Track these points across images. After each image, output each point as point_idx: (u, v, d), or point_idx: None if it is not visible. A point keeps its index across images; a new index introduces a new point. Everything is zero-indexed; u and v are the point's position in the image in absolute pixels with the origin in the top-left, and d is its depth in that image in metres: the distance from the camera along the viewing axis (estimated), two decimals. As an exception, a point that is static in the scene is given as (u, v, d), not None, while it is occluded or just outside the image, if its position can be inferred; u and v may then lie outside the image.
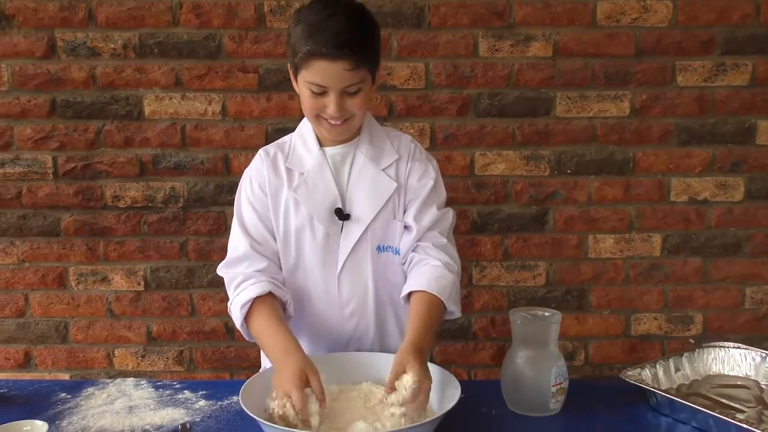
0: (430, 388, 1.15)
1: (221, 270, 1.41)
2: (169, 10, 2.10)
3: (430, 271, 1.34)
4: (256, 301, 1.32)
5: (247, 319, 1.34)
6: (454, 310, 1.36)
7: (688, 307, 2.28)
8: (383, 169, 1.39)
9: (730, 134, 2.20)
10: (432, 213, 1.39)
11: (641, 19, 2.13)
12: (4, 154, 2.15)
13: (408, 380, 1.13)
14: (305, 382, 1.15)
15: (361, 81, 1.28)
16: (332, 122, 1.31)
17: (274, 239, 1.40)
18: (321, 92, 1.28)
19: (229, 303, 1.38)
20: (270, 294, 1.33)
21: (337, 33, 1.23)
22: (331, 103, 1.28)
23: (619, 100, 2.17)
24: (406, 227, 1.40)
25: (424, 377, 1.14)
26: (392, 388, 1.15)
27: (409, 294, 1.34)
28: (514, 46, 2.14)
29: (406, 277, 1.40)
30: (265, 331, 1.30)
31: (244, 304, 1.32)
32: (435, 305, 1.31)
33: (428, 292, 1.31)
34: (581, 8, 2.13)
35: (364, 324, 1.41)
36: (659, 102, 2.18)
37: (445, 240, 1.40)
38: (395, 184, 1.39)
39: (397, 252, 1.40)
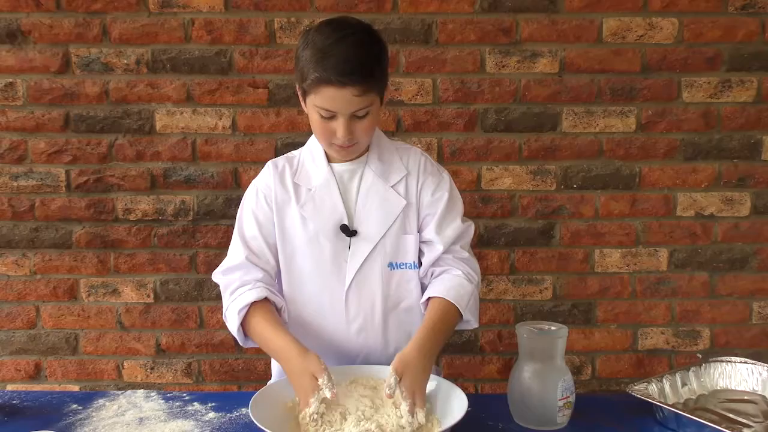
0: (424, 400, 1.20)
1: (216, 276, 1.43)
2: (181, 27, 2.14)
3: (449, 279, 1.37)
4: (253, 306, 1.34)
5: (243, 324, 1.35)
6: (471, 320, 1.38)
7: (695, 321, 2.28)
8: (392, 186, 1.40)
9: (735, 150, 2.21)
10: (455, 226, 1.40)
11: (647, 36, 2.15)
12: (18, 167, 2.19)
13: (403, 407, 1.18)
14: (314, 382, 1.19)
15: (370, 104, 1.29)
16: (341, 144, 1.33)
17: (272, 253, 1.41)
18: (330, 116, 1.29)
19: (224, 309, 1.40)
20: (266, 299, 1.35)
21: (346, 60, 1.23)
22: (340, 127, 1.28)
23: (625, 115, 2.19)
24: (427, 242, 1.40)
25: (417, 389, 1.19)
26: (390, 395, 1.17)
27: (428, 300, 1.36)
28: (520, 62, 2.16)
29: (422, 291, 1.41)
30: (265, 335, 1.32)
31: (242, 309, 1.34)
32: (450, 313, 1.33)
33: (445, 299, 1.33)
34: (587, 25, 2.15)
35: (372, 341, 1.42)
36: (665, 117, 2.19)
37: (467, 254, 1.41)
38: (404, 202, 1.40)
39: (414, 266, 1.41)
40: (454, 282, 1.36)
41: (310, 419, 1.17)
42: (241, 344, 1.40)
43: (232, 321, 1.37)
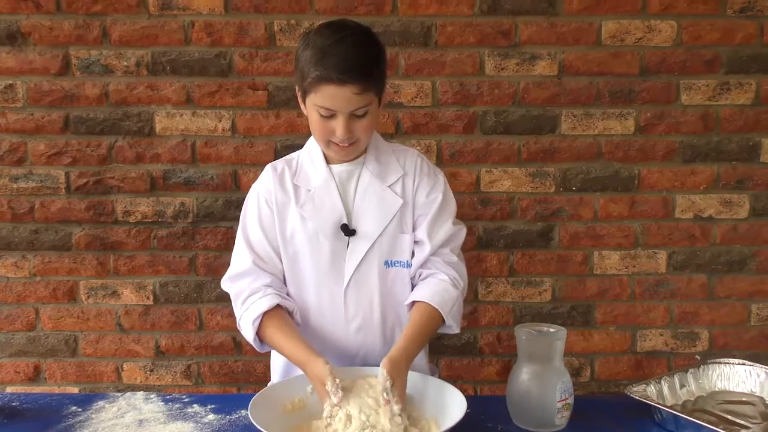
0: (405, 403, 1.22)
1: (225, 284, 1.44)
2: (181, 29, 2.14)
3: (435, 284, 1.38)
4: (265, 315, 1.35)
5: (258, 332, 1.37)
6: (453, 325, 1.40)
7: (694, 323, 2.28)
8: (389, 186, 1.42)
9: (734, 152, 2.21)
10: (446, 228, 1.42)
11: (646, 39, 2.16)
12: (18, 169, 2.19)
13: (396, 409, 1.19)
14: (324, 387, 1.21)
15: (369, 104, 1.31)
16: (340, 144, 1.34)
17: (278, 256, 1.42)
18: (329, 115, 1.31)
19: (237, 318, 1.41)
20: (278, 306, 1.36)
21: (346, 58, 1.26)
22: (339, 125, 1.30)
23: (624, 118, 2.19)
24: (418, 242, 1.42)
25: (404, 393, 1.23)
26: (388, 400, 1.19)
27: (413, 303, 1.38)
28: (519, 64, 2.17)
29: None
30: (279, 344, 1.34)
31: (255, 319, 1.35)
32: (433, 318, 1.35)
33: (429, 304, 1.35)
34: (586, 28, 2.16)
35: (371, 339, 1.43)
36: (664, 120, 2.20)
37: (455, 258, 1.43)
38: (401, 201, 1.41)
39: (408, 265, 1.42)
40: (440, 287, 1.37)
41: (323, 423, 1.19)
42: (258, 351, 1.42)
43: (246, 331, 1.38)
